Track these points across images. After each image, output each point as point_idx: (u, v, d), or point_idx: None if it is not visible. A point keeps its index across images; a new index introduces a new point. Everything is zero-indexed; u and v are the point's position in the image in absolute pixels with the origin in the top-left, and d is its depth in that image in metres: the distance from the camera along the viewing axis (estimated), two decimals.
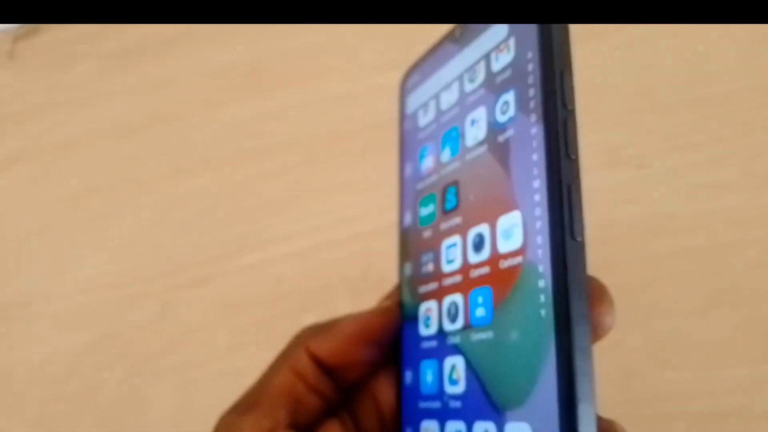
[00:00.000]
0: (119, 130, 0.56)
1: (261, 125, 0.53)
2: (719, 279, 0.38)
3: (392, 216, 0.47)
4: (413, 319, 0.24)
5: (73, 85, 0.60)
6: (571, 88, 0.19)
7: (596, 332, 0.19)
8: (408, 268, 0.26)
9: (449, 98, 0.25)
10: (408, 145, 0.28)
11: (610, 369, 0.37)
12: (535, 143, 0.20)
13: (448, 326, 0.22)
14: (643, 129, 0.44)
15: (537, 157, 0.19)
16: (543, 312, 0.18)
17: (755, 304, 0.38)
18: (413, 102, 0.28)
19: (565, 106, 0.19)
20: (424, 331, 0.24)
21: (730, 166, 0.41)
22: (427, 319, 0.23)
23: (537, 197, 0.19)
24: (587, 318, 0.18)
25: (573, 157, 0.19)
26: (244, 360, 0.43)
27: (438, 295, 0.23)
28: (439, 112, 0.26)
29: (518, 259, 0.20)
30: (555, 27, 0.20)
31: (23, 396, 0.46)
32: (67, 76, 0.60)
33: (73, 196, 0.54)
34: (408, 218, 0.27)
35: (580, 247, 0.19)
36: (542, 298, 0.18)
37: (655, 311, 0.39)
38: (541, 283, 0.18)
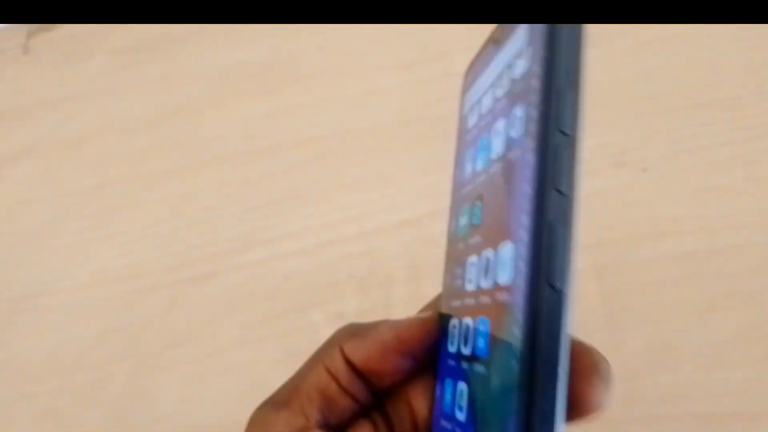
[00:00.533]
0: (130, 125, 0.57)
1: (269, 123, 0.54)
2: (721, 282, 0.39)
3: (398, 214, 0.47)
4: (445, 332, 0.23)
5: (86, 79, 0.60)
6: (574, 110, 0.16)
7: (582, 409, 0.17)
8: (447, 278, 0.24)
9: (487, 103, 0.22)
10: (460, 148, 0.26)
11: (612, 370, 0.37)
12: (527, 171, 0.17)
13: (462, 349, 0.21)
14: (648, 132, 0.44)
15: (528, 187, 0.17)
16: (513, 362, 0.16)
17: (756, 307, 0.38)
18: (467, 102, 0.26)
19: (561, 131, 0.16)
20: (449, 347, 0.22)
21: (734, 171, 0.42)
22: (452, 336, 0.22)
23: (523, 233, 0.17)
24: (556, 381, 0.16)
25: (564, 191, 0.16)
26: (251, 355, 0.44)
27: (459, 313, 0.22)
28: (480, 117, 0.23)
29: (506, 296, 0.17)
30: (564, 36, 0.17)
31: (31, 387, 0.46)
32: (79, 70, 0.61)
33: (83, 189, 0.54)
34: (453, 225, 0.25)
35: (558, 297, 0.16)
36: (515, 346, 0.16)
37: (656, 313, 0.39)
38: (516, 331, 0.16)
